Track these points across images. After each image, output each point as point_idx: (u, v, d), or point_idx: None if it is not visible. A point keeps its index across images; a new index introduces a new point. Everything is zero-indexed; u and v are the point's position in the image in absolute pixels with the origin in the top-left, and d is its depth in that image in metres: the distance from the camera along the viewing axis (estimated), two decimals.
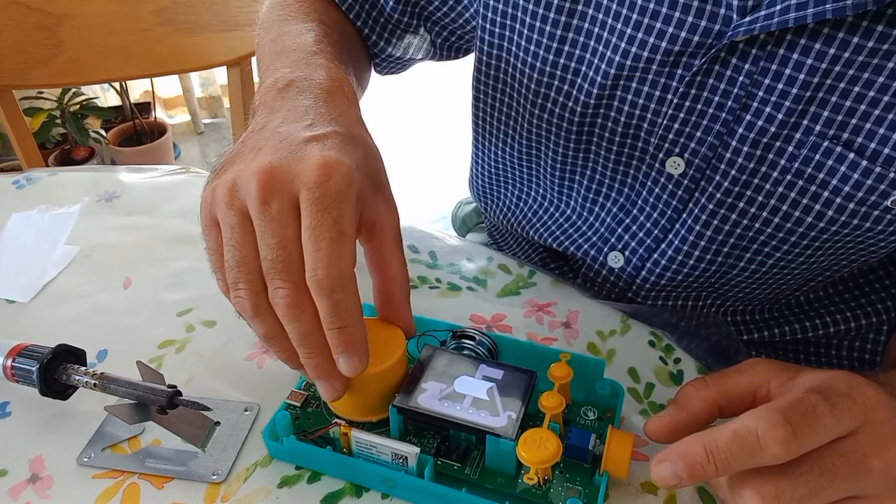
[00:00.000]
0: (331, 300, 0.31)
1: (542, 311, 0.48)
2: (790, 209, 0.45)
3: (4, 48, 0.90)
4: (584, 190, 0.55)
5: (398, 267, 0.37)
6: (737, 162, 0.45)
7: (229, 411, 0.41)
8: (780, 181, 0.44)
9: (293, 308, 0.31)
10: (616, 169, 0.51)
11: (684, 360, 0.45)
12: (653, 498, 0.36)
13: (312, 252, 0.31)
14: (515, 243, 0.68)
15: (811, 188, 0.43)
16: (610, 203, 0.54)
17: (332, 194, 0.32)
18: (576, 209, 0.57)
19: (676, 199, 0.49)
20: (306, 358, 0.33)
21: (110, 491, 0.37)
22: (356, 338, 0.32)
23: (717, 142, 0.45)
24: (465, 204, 1.43)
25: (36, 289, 0.51)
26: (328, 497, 0.36)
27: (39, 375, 0.39)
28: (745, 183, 0.45)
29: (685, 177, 0.47)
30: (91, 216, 0.59)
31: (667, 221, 0.50)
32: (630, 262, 0.53)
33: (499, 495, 0.35)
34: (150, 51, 0.96)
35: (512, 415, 0.35)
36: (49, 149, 1.99)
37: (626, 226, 0.53)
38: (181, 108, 2.41)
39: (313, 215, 0.31)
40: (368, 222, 0.36)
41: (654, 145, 0.48)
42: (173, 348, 0.46)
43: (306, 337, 0.32)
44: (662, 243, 0.51)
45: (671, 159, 0.47)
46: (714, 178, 0.46)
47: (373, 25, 0.61)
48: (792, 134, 0.42)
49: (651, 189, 0.50)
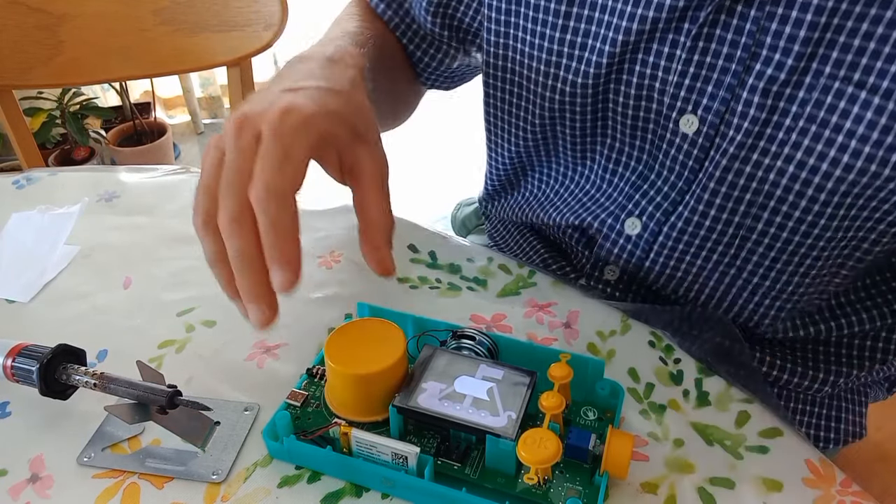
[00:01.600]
0: (267, 214, 0.34)
1: (542, 311, 0.48)
2: (805, 157, 0.44)
3: (4, 48, 0.90)
4: (603, 160, 0.55)
5: (376, 210, 0.39)
6: (749, 114, 0.44)
7: (229, 411, 0.41)
8: (794, 128, 0.43)
9: (234, 223, 0.34)
10: (634, 135, 0.51)
11: (684, 360, 0.45)
12: (653, 498, 0.36)
13: (258, 171, 0.34)
14: (515, 244, 0.68)
15: (825, 133, 0.42)
16: (629, 172, 0.54)
17: (286, 129, 0.35)
18: (595, 181, 0.57)
19: (692, 158, 0.48)
20: (240, 277, 0.35)
21: (110, 491, 0.37)
22: (290, 253, 0.34)
23: (729, 95, 0.45)
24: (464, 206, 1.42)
25: (36, 289, 0.51)
26: (328, 497, 0.36)
27: (39, 375, 0.39)
28: (759, 134, 0.45)
29: (699, 135, 0.47)
30: (91, 216, 0.59)
31: (683, 183, 0.50)
32: (647, 227, 0.53)
33: (499, 495, 0.35)
34: (150, 51, 0.96)
35: (512, 415, 0.35)
36: (49, 149, 1.99)
37: (644, 191, 0.53)
38: (181, 108, 2.41)
39: (264, 143, 0.35)
40: (347, 166, 0.40)
41: (668, 105, 0.48)
42: (173, 348, 0.46)
43: (243, 255, 0.35)
44: (679, 205, 0.51)
45: (684, 118, 0.47)
46: (728, 133, 0.46)
47: (411, 37, 0.64)
48: (802, 79, 0.42)
49: (667, 151, 0.50)
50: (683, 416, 0.41)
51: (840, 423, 0.58)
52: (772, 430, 0.40)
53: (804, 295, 0.52)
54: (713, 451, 0.39)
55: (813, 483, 0.37)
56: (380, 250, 0.39)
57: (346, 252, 0.54)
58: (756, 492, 0.36)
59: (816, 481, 0.37)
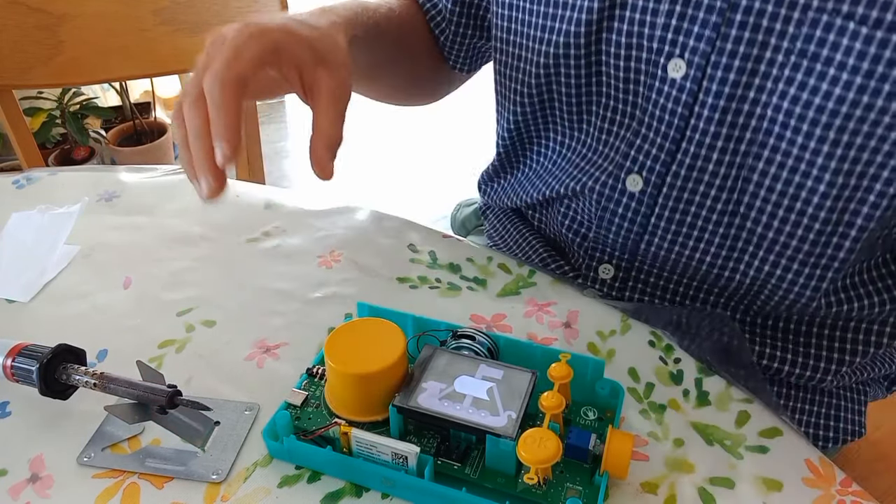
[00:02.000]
0: (212, 97, 0.40)
1: (542, 311, 0.48)
2: (798, 91, 0.44)
3: (4, 48, 0.90)
4: (598, 120, 0.55)
5: (325, 120, 0.44)
6: (738, 52, 0.45)
7: (229, 411, 0.41)
8: (785, 64, 0.44)
9: (191, 107, 0.41)
10: (626, 89, 0.52)
11: (684, 360, 0.45)
12: (653, 498, 0.36)
13: (208, 64, 0.42)
14: (514, 243, 0.68)
15: (816, 67, 0.43)
16: (623, 129, 0.54)
17: (241, 36, 0.42)
18: (591, 144, 0.58)
19: (681, 104, 0.49)
20: (193, 151, 0.41)
21: (110, 491, 0.37)
22: (228, 129, 0.40)
23: (715, 34, 0.45)
24: (464, 206, 1.42)
25: (36, 289, 0.51)
26: (328, 497, 0.36)
27: (39, 375, 0.39)
28: (752, 71, 0.45)
29: (687, 78, 0.47)
30: (91, 216, 0.59)
31: (676, 131, 0.50)
32: (649, 181, 0.53)
33: (499, 495, 0.35)
34: (150, 51, 0.96)
35: (512, 415, 0.35)
36: (49, 149, 1.99)
37: (639, 146, 0.53)
38: None
39: (217, 45, 0.42)
40: (308, 85, 0.45)
41: (656, 50, 0.48)
42: (173, 348, 0.46)
43: (193, 131, 0.41)
44: (677, 153, 0.51)
45: (672, 62, 0.48)
46: (716, 74, 0.46)
47: (434, 15, 0.66)
48: (790, 14, 0.42)
49: (656, 101, 0.50)
50: (683, 416, 0.41)
51: (839, 421, 0.58)
52: (772, 429, 0.40)
53: (806, 262, 0.50)
54: (713, 451, 0.39)
55: (813, 483, 0.37)
56: (321, 158, 0.43)
57: (346, 252, 0.54)
58: (756, 492, 0.36)
59: (816, 481, 0.37)
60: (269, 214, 0.59)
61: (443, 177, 1.99)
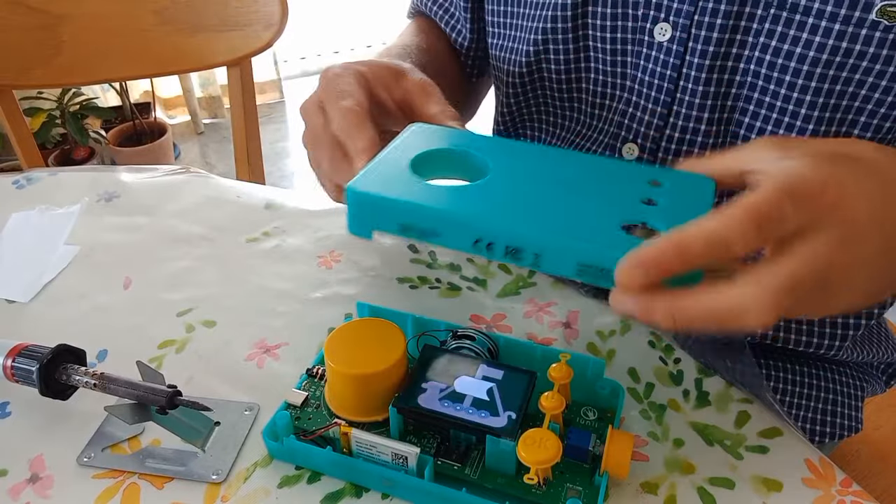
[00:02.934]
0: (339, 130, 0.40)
1: (542, 311, 0.48)
2: (779, 43, 0.45)
3: (4, 48, 0.90)
4: (589, 96, 0.56)
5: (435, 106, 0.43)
6: (720, 9, 0.46)
7: (229, 411, 0.41)
8: (765, 17, 0.45)
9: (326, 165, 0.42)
10: (615, 61, 0.53)
11: (684, 360, 0.45)
12: (653, 498, 0.36)
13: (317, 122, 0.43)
14: None
15: (795, 17, 0.44)
16: (615, 101, 0.55)
17: (330, 75, 0.43)
18: (584, 120, 0.58)
19: (669, 67, 0.49)
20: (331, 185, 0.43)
21: (110, 491, 0.37)
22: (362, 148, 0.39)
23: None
24: None
25: (36, 289, 0.51)
26: (328, 497, 0.36)
27: (39, 375, 0.39)
28: (734, 28, 0.46)
29: (673, 41, 0.48)
30: (91, 216, 0.59)
31: (666, 95, 0.51)
32: (645, 148, 0.54)
33: (499, 495, 0.35)
34: (150, 51, 0.96)
35: (512, 415, 0.35)
36: (49, 149, 1.99)
37: (631, 115, 0.53)
38: (181, 108, 2.41)
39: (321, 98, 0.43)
40: (399, 100, 0.45)
41: (641, 17, 0.49)
42: (173, 348, 0.46)
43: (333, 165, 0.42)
44: (671, 117, 0.51)
45: (658, 26, 0.49)
46: (700, 34, 0.47)
47: (448, 20, 0.67)
48: None
49: (645, 67, 0.51)
50: (683, 417, 0.41)
51: (836, 416, 0.59)
52: (771, 429, 0.40)
53: None
54: (713, 451, 0.39)
55: (813, 483, 0.37)
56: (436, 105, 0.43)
57: (346, 252, 0.54)
58: (756, 492, 0.36)
59: (816, 481, 0.37)
60: (269, 214, 0.59)
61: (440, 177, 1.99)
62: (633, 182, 0.35)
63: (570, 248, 0.31)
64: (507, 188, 0.35)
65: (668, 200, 0.34)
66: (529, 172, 0.36)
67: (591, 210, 0.33)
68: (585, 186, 0.35)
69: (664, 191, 0.34)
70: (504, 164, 0.37)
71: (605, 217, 0.32)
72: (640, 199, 0.34)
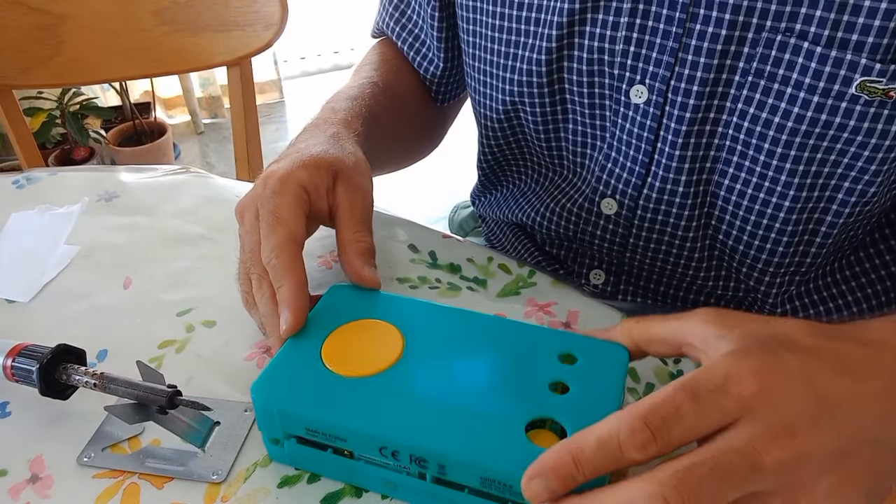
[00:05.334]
0: (269, 266, 0.41)
1: (542, 311, 0.48)
2: (758, 111, 0.45)
3: (4, 48, 0.90)
4: (569, 144, 0.56)
5: (347, 233, 0.44)
6: (696, 77, 0.45)
7: (229, 411, 0.41)
8: (743, 84, 0.45)
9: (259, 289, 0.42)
10: (593, 114, 0.53)
11: (684, 360, 0.45)
12: None
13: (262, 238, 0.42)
14: (511, 246, 0.68)
15: (774, 86, 0.44)
16: (595, 152, 0.55)
17: (267, 194, 0.43)
18: (563, 173, 0.59)
19: (646, 129, 0.49)
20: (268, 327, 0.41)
21: (110, 491, 0.37)
22: (288, 297, 0.39)
23: (672, 59, 0.46)
24: (461, 208, 1.43)
25: (36, 289, 0.51)
26: (328, 497, 0.36)
27: (39, 375, 0.39)
28: (711, 94, 0.46)
29: (650, 104, 0.48)
30: (91, 216, 0.59)
31: (644, 155, 0.51)
32: (623, 204, 0.54)
33: (500, 497, 0.34)
34: (150, 51, 0.96)
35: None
36: (49, 149, 1.99)
37: (610, 170, 0.54)
38: (181, 108, 2.41)
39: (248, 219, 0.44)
40: (332, 208, 0.45)
41: (618, 77, 0.49)
42: (173, 348, 0.46)
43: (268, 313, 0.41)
44: (648, 177, 0.51)
45: (634, 88, 0.49)
46: (677, 99, 0.47)
47: (418, 48, 0.66)
48: (744, 35, 0.43)
49: (623, 126, 0.51)
50: None
51: None
52: None
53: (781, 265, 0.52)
54: None
55: None
56: (353, 264, 0.43)
57: None
58: None
59: None
60: None
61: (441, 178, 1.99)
62: (545, 361, 0.36)
63: (471, 463, 0.32)
64: (415, 380, 0.35)
65: (578, 384, 0.35)
66: (440, 351, 0.37)
67: (497, 410, 0.34)
68: (496, 370, 0.36)
69: (576, 370, 0.35)
70: (416, 341, 0.38)
71: (512, 417, 0.33)
72: (549, 385, 0.35)
